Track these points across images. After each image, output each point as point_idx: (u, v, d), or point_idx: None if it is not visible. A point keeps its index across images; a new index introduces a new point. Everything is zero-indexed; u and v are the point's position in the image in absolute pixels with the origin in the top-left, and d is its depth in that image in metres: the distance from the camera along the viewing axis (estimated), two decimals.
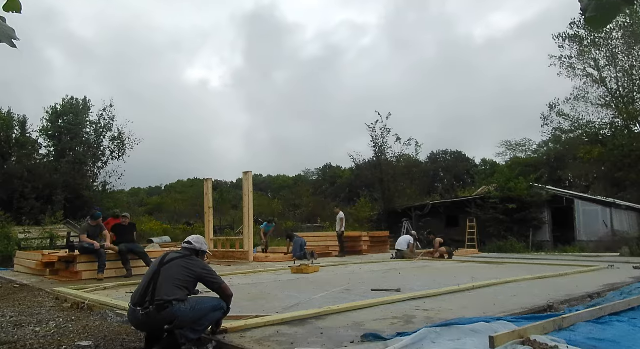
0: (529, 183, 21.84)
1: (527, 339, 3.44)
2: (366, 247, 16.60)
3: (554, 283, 7.56)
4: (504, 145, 43.00)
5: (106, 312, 5.24)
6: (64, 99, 25.57)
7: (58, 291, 6.89)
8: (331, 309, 5.01)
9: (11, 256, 12.43)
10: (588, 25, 1.89)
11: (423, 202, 26.00)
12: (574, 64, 22.39)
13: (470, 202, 22.88)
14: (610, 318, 4.43)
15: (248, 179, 13.62)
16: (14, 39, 1.99)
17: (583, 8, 1.75)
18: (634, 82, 21.52)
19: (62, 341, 4.09)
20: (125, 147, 25.69)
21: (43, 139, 25.10)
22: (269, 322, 4.37)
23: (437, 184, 42.58)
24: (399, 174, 27.57)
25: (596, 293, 6.43)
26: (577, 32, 21.99)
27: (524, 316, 4.63)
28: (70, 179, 22.21)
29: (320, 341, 3.77)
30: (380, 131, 26.70)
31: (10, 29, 2.00)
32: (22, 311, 5.62)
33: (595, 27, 1.83)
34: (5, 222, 15.57)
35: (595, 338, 3.71)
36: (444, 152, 47.59)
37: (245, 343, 3.71)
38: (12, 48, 1.99)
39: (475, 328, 3.82)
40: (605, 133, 22.38)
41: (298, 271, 9.65)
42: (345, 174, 44.07)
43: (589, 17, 1.73)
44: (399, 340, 3.59)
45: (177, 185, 53.69)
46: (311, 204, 33.50)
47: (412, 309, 5.22)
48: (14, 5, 2.00)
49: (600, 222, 19.95)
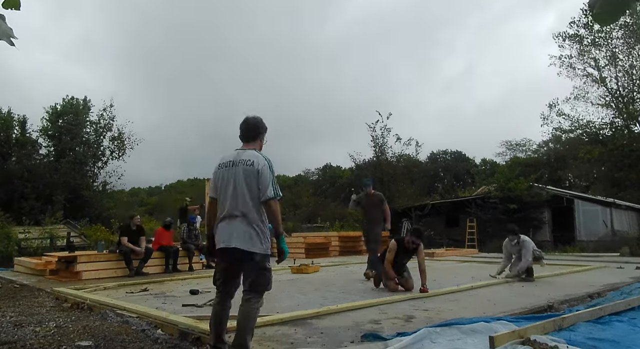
0: (529, 183, 21.83)
1: (527, 339, 3.44)
2: (366, 248, 16.57)
3: (553, 283, 7.56)
4: (504, 145, 43.06)
5: (106, 312, 5.24)
6: (64, 99, 25.58)
7: (58, 291, 6.89)
8: (331, 309, 5.02)
9: (11, 256, 12.43)
10: (596, 21, 1.89)
11: (423, 202, 25.98)
12: (574, 63, 22.41)
13: (470, 202, 22.87)
14: (610, 318, 4.43)
15: None
16: (12, 37, 1.99)
17: (591, 4, 1.75)
18: (634, 82, 21.53)
19: (62, 341, 4.09)
20: (125, 147, 25.71)
21: (43, 139, 25.09)
22: (269, 322, 4.37)
23: (437, 184, 42.56)
24: (399, 174, 27.57)
25: (596, 293, 6.43)
26: (577, 32, 22.01)
27: (524, 316, 4.63)
28: (70, 179, 22.19)
29: (320, 341, 3.77)
30: (380, 130, 26.71)
31: (8, 27, 2.00)
32: (22, 311, 5.62)
33: (603, 23, 1.82)
34: (5, 222, 15.56)
35: (595, 338, 3.71)
36: (444, 152, 47.57)
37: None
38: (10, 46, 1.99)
39: (475, 327, 3.82)
40: (605, 133, 22.37)
41: (298, 271, 9.66)
42: (345, 174, 44.04)
43: (596, 13, 1.72)
44: (399, 340, 3.59)
45: (177, 185, 53.68)
46: (311, 204, 33.49)
47: (411, 309, 5.22)
48: (12, 2, 2.00)
49: (600, 222, 19.94)
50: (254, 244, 3.26)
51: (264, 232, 3.33)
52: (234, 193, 3.32)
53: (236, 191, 3.32)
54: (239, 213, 3.29)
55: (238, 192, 3.31)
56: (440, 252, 15.98)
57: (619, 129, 22.03)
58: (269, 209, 3.29)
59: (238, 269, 3.39)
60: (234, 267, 3.39)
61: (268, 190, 3.26)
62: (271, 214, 3.30)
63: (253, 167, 3.31)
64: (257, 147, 3.53)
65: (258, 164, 3.32)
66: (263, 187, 3.27)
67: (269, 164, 3.35)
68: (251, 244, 3.25)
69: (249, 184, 3.29)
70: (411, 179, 29.42)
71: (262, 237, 3.31)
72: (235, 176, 3.34)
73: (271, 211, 3.29)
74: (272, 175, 3.33)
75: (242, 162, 3.35)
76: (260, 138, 3.58)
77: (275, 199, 3.28)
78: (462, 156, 47.34)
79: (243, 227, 3.27)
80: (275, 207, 3.30)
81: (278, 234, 3.36)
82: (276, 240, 3.41)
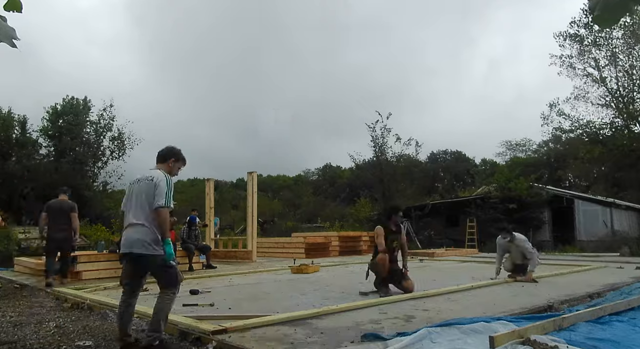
0: (529, 183, 21.83)
1: (527, 339, 3.44)
2: (366, 247, 16.59)
3: (553, 283, 7.56)
4: (504, 145, 43.09)
5: (106, 312, 5.25)
6: (64, 99, 25.56)
7: (58, 291, 6.89)
8: (331, 309, 5.02)
9: (11, 256, 12.43)
10: (596, 23, 1.90)
11: (423, 202, 25.99)
12: (574, 63, 22.38)
13: (470, 202, 22.88)
14: (610, 318, 4.43)
15: (253, 179, 13.61)
16: (15, 38, 1.99)
17: (591, 7, 1.76)
18: (634, 82, 21.49)
19: (62, 341, 4.09)
20: (125, 147, 25.71)
21: (43, 139, 25.08)
22: (269, 322, 4.38)
23: (437, 184, 42.55)
24: (399, 174, 27.55)
25: (596, 293, 6.43)
26: (578, 32, 21.98)
27: (524, 316, 4.63)
28: (71, 179, 22.19)
29: (320, 341, 3.77)
30: (380, 130, 26.70)
31: (11, 28, 1.99)
32: (22, 311, 5.62)
33: (603, 25, 1.82)
34: (5, 222, 15.55)
35: (595, 338, 3.71)
36: (444, 152, 47.55)
37: (245, 342, 3.71)
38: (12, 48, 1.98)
39: (475, 327, 3.82)
40: (605, 133, 22.34)
41: (298, 271, 9.65)
42: (345, 174, 44.05)
43: (596, 15, 1.73)
44: (399, 340, 3.59)
45: (177, 185, 53.46)
46: (311, 204, 33.52)
47: (412, 309, 5.22)
48: (14, 5, 1.99)
49: (600, 222, 19.95)
50: (154, 248, 3.73)
51: (157, 237, 3.78)
52: (136, 204, 3.85)
53: (137, 202, 3.84)
54: (140, 222, 3.77)
55: (139, 204, 3.83)
56: (440, 252, 15.99)
57: (619, 129, 21.99)
58: (158, 216, 3.76)
59: (142, 270, 3.94)
60: (138, 267, 3.90)
61: (159, 200, 3.75)
62: (159, 221, 3.75)
63: (152, 182, 3.84)
64: (164, 168, 4.05)
65: (157, 178, 3.85)
66: (156, 197, 3.76)
67: (166, 180, 3.88)
68: (152, 249, 3.72)
69: (147, 195, 3.80)
70: (411, 179, 29.41)
71: (157, 241, 3.76)
72: (139, 190, 3.89)
73: (160, 217, 3.75)
74: (167, 188, 3.82)
75: (145, 179, 3.91)
76: (169, 163, 4.10)
77: (164, 208, 3.75)
78: (462, 156, 47.35)
79: (143, 234, 3.74)
80: (164, 216, 3.77)
81: (163, 238, 3.78)
82: (163, 244, 3.78)
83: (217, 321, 4.44)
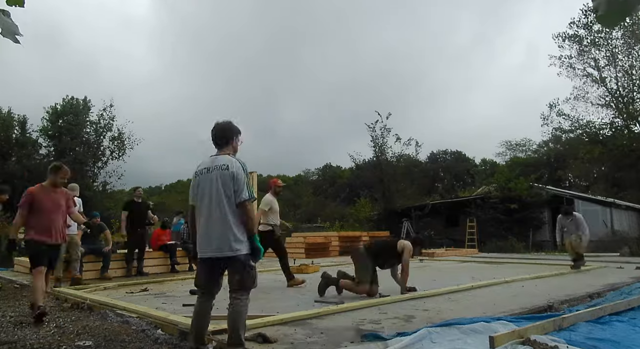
0: (529, 183, 21.84)
1: (527, 339, 3.44)
2: None
3: (554, 283, 7.56)
4: (504, 145, 43.12)
5: (106, 312, 5.24)
6: (64, 99, 25.59)
7: (58, 291, 6.89)
8: (331, 309, 5.02)
9: (11, 256, 12.41)
10: (600, 23, 1.90)
11: (423, 202, 26.00)
12: (574, 63, 22.38)
13: (470, 202, 22.89)
14: (610, 318, 4.43)
15: (253, 179, 13.61)
16: (17, 34, 1.99)
17: (595, 6, 1.75)
18: (634, 82, 21.49)
19: (62, 341, 4.09)
20: (125, 147, 25.74)
21: (43, 139, 25.10)
22: (269, 322, 4.37)
23: (437, 184, 42.58)
24: (399, 174, 27.57)
25: (596, 293, 6.42)
26: (577, 32, 21.99)
27: (524, 316, 4.63)
28: (71, 179, 22.21)
29: (320, 341, 3.77)
30: (380, 130, 26.72)
31: (14, 24, 2.00)
32: (22, 311, 5.62)
33: (608, 25, 1.82)
34: (5, 222, 15.54)
35: (595, 338, 3.71)
36: (444, 152, 47.58)
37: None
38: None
39: (475, 327, 3.82)
40: (605, 133, 22.35)
41: (298, 271, 9.66)
42: (345, 174, 44.06)
43: (600, 15, 1.73)
44: (399, 340, 3.59)
45: (177, 185, 53.67)
46: (311, 204, 33.52)
47: (412, 309, 5.22)
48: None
49: (600, 222, 19.95)
50: (235, 246, 3.37)
51: (243, 234, 3.43)
52: (211, 198, 3.43)
53: (213, 196, 3.42)
54: (217, 217, 3.39)
55: (215, 197, 3.41)
56: (440, 252, 15.98)
57: (619, 129, 21.99)
58: (244, 211, 3.40)
59: (220, 271, 3.55)
60: (216, 269, 3.52)
61: (243, 193, 3.39)
62: (246, 216, 3.40)
63: (228, 171, 3.42)
64: (230, 151, 3.62)
65: (232, 167, 3.43)
66: (238, 190, 3.39)
67: (243, 168, 3.48)
68: (232, 247, 3.36)
69: (225, 188, 3.40)
70: (411, 179, 29.43)
71: (242, 239, 3.41)
72: (212, 181, 3.44)
73: (246, 212, 3.40)
74: (246, 178, 3.45)
75: (217, 168, 3.46)
76: (233, 142, 3.67)
77: (249, 201, 3.41)
78: (462, 156, 47.36)
79: (222, 231, 3.37)
80: (250, 209, 3.42)
81: (251, 234, 3.45)
82: (249, 240, 3.46)
83: (217, 321, 4.43)
